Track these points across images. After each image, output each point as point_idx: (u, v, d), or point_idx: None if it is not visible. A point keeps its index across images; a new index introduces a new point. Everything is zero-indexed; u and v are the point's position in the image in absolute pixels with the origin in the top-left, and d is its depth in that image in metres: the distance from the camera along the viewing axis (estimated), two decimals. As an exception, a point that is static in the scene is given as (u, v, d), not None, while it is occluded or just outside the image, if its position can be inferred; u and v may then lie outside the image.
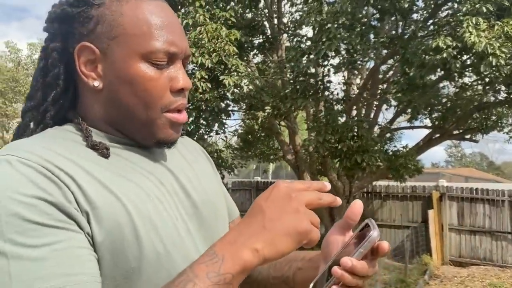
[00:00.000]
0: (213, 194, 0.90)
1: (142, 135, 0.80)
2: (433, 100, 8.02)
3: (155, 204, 0.75)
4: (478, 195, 10.24)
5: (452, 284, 8.64)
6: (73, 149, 0.74)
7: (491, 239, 10.03)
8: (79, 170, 0.70)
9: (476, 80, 7.81)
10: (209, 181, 0.92)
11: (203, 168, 0.95)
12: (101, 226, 0.68)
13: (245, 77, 5.73)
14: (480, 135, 8.84)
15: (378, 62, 6.94)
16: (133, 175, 0.76)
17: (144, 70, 0.75)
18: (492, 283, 8.49)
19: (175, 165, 0.86)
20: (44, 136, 0.77)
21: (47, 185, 0.65)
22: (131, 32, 0.75)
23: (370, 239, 0.70)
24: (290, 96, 6.10)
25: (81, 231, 0.66)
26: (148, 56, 0.75)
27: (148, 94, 0.76)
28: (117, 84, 0.76)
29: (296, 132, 8.05)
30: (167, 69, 0.78)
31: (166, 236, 0.74)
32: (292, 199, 0.66)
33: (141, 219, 0.71)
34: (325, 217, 7.99)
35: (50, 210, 0.64)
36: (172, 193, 0.80)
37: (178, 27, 0.80)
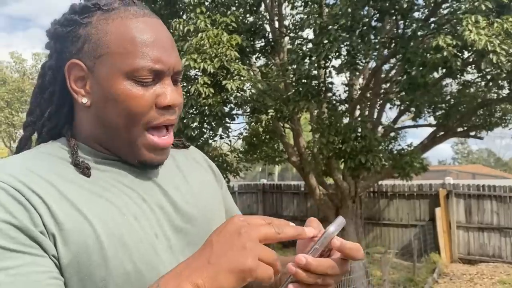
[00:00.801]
0: (209, 209, 0.89)
1: (126, 154, 0.81)
2: (436, 98, 8.02)
3: (129, 223, 0.75)
4: (485, 192, 10.21)
5: (461, 281, 8.61)
6: (55, 167, 0.76)
7: (499, 236, 9.99)
8: (53, 191, 0.72)
9: (478, 77, 7.80)
10: (206, 195, 0.91)
11: (201, 181, 0.94)
12: (67, 248, 0.69)
13: (247, 81, 5.77)
14: (484, 132, 8.81)
15: (379, 62, 6.96)
16: (111, 193, 0.77)
17: (127, 88, 0.76)
18: (501, 280, 8.45)
19: (166, 180, 0.86)
20: (33, 153, 0.80)
21: (15, 208, 0.67)
22: (115, 50, 0.77)
23: (326, 235, 0.68)
24: (293, 99, 6.14)
25: (46, 255, 0.67)
26: (132, 74, 0.76)
27: (131, 111, 0.77)
28: (102, 101, 0.78)
29: (300, 134, 8.07)
30: (153, 87, 0.78)
31: (138, 255, 0.73)
32: (241, 234, 0.64)
33: (110, 239, 0.71)
34: (331, 217, 8.00)
35: (14, 233, 0.65)
36: (155, 209, 0.80)
37: (166, 43, 0.80)
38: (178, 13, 7.11)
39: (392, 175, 7.63)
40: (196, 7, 6.09)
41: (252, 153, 9.15)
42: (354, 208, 7.72)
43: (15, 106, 21.08)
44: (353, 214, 7.69)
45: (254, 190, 12.95)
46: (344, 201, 7.66)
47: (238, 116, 8.22)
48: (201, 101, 5.71)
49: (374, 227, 11.24)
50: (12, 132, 22.50)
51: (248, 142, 9.22)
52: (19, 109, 21.40)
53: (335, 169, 7.58)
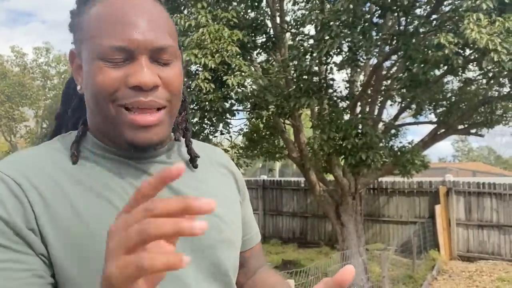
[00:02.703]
0: (223, 217, 0.85)
1: (115, 137, 0.78)
2: (437, 95, 8.01)
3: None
4: (485, 189, 10.23)
5: (460, 279, 8.63)
6: (60, 160, 0.77)
7: (499, 233, 10.01)
8: (56, 189, 0.71)
9: (479, 74, 7.79)
10: (222, 202, 0.86)
11: (220, 187, 0.91)
12: (63, 250, 0.68)
13: (248, 76, 5.76)
14: (485, 129, 8.81)
15: (380, 59, 6.95)
16: (111, 191, 0.75)
17: (97, 68, 0.74)
18: (500, 278, 8.47)
19: (179, 181, 0.78)
20: (44, 145, 0.81)
21: (11, 203, 0.67)
22: (91, 34, 0.76)
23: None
24: (294, 95, 6.13)
25: (33, 253, 0.67)
26: (102, 55, 0.73)
27: (97, 89, 0.74)
28: (85, 86, 0.79)
29: (300, 130, 8.07)
30: (126, 66, 0.74)
31: None
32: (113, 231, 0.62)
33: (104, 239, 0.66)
34: (331, 214, 8.01)
35: (3, 228, 0.66)
36: None
37: (141, 20, 0.75)
38: (179, 8, 7.08)
39: (392, 172, 7.64)
40: (197, 2, 6.07)
41: (252, 149, 9.14)
42: (354, 204, 7.72)
43: (15, 100, 21.05)
44: (353, 211, 7.69)
45: (254, 186, 12.97)
46: (344, 198, 7.66)
47: (238, 112, 8.21)
48: (201, 96, 5.70)
49: (373, 223, 11.26)
50: (12, 126, 22.49)
51: (248, 138, 9.21)
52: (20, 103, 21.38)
53: (336, 166, 7.58)
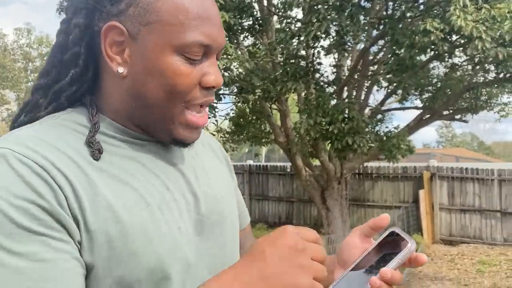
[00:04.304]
0: (225, 202, 0.83)
1: (159, 131, 0.74)
2: (423, 80, 8.04)
3: (154, 214, 0.68)
4: (468, 175, 10.37)
5: (442, 262, 8.80)
6: (75, 143, 0.69)
7: (480, 218, 10.20)
8: (78, 171, 0.65)
9: (465, 60, 7.83)
10: (221, 187, 0.85)
11: (217, 171, 0.88)
12: (89, 237, 0.63)
13: (234, 60, 5.68)
14: (470, 115, 8.90)
15: (368, 43, 6.92)
16: (135, 179, 0.70)
17: (176, 64, 0.69)
18: (481, 261, 8.66)
19: (188, 166, 0.80)
20: (50, 124, 0.71)
21: (41, 187, 0.61)
22: (166, 20, 0.68)
23: (409, 251, 0.69)
24: (281, 79, 6.08)
25: (71, 240, 0.62)
26: (182, 49, 0.69)
27: (176, 89, 0.70)
28: (143, 74, 0.70)
29: (287, 115, 8.04)
30: (200, 64, 0.71)
31: (163, 250, 0.68)
32: (298, 251, 0.61)
33: (135, 231, 0.65)
34: (317, 198, 8.05)
35: (41, 215, 0.59)
36: (178, 199, 0.74)
37: (217, 18, 0.73)
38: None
39: (377, 157, 7.68)
40: (182, -17, 5.93)
41: (239, 134, 9.10)
42: (339, 189, 7.77)
43: (-4, 82, 20.61)
44: (338, 195, 7.74)
45: (240, 171, 12.96)
46: (329, 182, 7.69)
47: (225, 96, 8.14)
48: (187, 79, 5.60)
49: (358, 208, 11.37)
50: (-7, 109, 22.04)
51: (235, 122, 9.16)
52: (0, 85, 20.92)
53: (322, 150, 7.59)
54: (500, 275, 7.71)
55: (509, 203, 9.90)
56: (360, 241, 0.76)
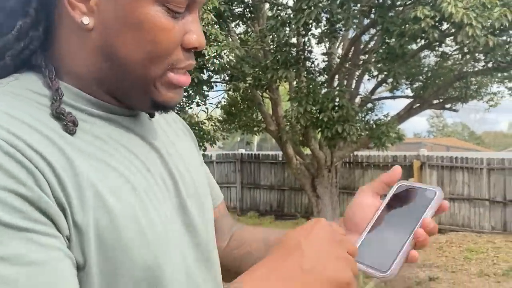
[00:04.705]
0: (200, 183, 0.74)
1: (137, 96, 0.62)
2: (414, 69, 8.06)
3: (142, 201, 0.58)
4: (458, 164, 10.46)
5: (431, 249, 8.90)
6: (41, 117, 0.55)
7: (469, 206, 10.31)
8: (54, 150, 0.52)
9: (456, 50, 7.85)
10: (194, 167, 0.74)
11: (187, 150, 0.77)
12: (79, 230, 0.52)
13: (225, 46, 5.65)
14: (460, 104, 8.95)
15: (358, 31, 6.91)
16: (116, 161, 0.58)
17: (157, 16, 0.57)
18: (469, 248, 8.77)
19: (162, 145, 0.68)
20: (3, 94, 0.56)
21: (19, 172, 0.48)
22: None
23: (439, 198, 0.68)
24: (271, 67, 6.07)
25: (60, 235, 0.50)
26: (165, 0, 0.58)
27: (157, 47, 0.58)
28: (116, 26, 0.57)
29: (278, 103, 8.04)
30: (182, 19, 0.60)
31: (156, 244, 0.57)
32: (336, 242, 0.58)
33: (127, 223, 0.55)
34: (308, 186, 8.08)
35: (23, 206, 0.47)
36: (159, 183, 0.63)
37: None
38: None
39: (367, 145, 7.72)
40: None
41: (230, 123, 9.09)
42: (330, 177, 7.80)
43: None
44: (328, 183, 7.78)
45: (232, 159, 12.97)
46: (320, 171, 7.73)
47: (216, 84, 8.11)
48: (176, 66, 5.56)
49: (348, 196, 11.44)
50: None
51: (226, 111, 9.14)
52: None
53: (312, 139, 7.61)
54: (487, 262, 7.83)
55: (497, 191, 10.02)
56: (372, 200, 0.72)
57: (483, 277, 6.97)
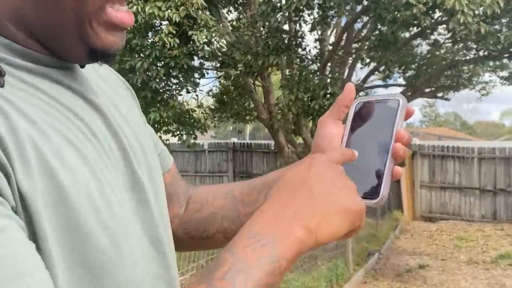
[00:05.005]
0: (148, 150, 0.64)
1: (69, 41, 0.51)
2: (406, 58, 8.03)
3: (93, 172, 0.49)
4: (449, 153, 10.50)
5: (421, 238, 8.96)
6: None
7: (460, 195, 10.38)
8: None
9: (448, 38, 7.82)
10: (139, 129, 0.64)
11: (130, 110, 0.66)
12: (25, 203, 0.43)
13: (215, 32, 5.56)
14: (452, 93, 8.95)
15: (351, 18, 6.85)
16: (59, 122, 0.49)
17: None
18: (459, 237, 8.84)
19: (103, 105, 0.57)
20: None
21: None
22: None
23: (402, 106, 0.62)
24: (262, 53, 5.99)
25: (7, 202, 0.41)
26: None
27: None
28: None
29: (270, 92, 7.98)
30: None
31: (112, 221, 0.49)
32: (338, 173, 0.55)
33: (80, 198, 0.46)
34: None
35: None
36: (108, 152, 0.54)
37: None
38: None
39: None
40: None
41: (222, 111, 9.03)
42: (321, 166, 7.77)
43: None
44: (320, 172, 7.75)
45: (224, 148, 12.91)
46: (311, 159, 7.69)
47: (208, 72, 8.02)
48: (165, 52, 5.48)
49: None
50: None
51: (218, 99, 9.06)
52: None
53: (304, 127, 7.57)
54: (477, 250, 7.89)
55: (487, 180, 10.08)
56: (336, 128, 0.65)
57: (472, 264, 7.02)
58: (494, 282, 6.15)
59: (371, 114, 0.64)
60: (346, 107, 0.64)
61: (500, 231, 9.34)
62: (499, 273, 6.60)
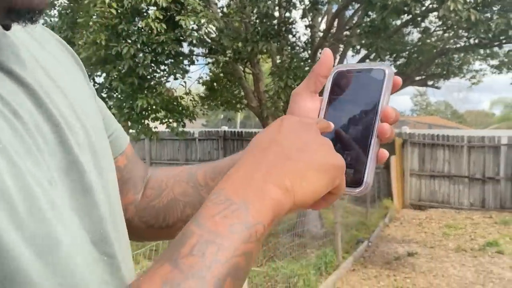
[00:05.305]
0: (95, 128, 0.53)
1: None
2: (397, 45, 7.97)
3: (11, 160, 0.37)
4: (439, 141, 10.53)
5: (410, 226, 9.00)
6: None
7: (449, 183, 10.44)
8: None
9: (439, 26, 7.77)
10: (84, 104, 0.53)
11: (70, 79, 0.55)
12: None
13: (203, 17, 5.45)
14: (442, 81, 8.93)
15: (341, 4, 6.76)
16: None
17: None
18: (447, 224, 8.90)
19: (31, 76, 0.46)
20: None
21: None
22: None
23: (389, 77, 0.53)
24: (251, 39, 5.90)
25: None
26: None
27: None
28: None
29: (260, 79, 7.89)
30: None
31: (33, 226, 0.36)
32: (313, 131, 0.49)
33: None
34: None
35: None
36: (34, 133, 0.42)
37: None
38: None
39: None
40: None
41: (212, 99, 8.93)
42: (311, 154, 7.73)
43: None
44: (309, 160, 7.72)
45: (215, 137, 12.84)
46: (301, 147, 7.65)
47: (198, 59, 7.91)
48: (153, 38, 5.37)
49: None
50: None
51: (208, 87, 8.96)
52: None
53: (294, 115, 7.50)
54: (465, 238, 7.94)
55: (476, 169, 10.13)
56: (312, 102, 0.57)
57: (460, 252, 7.07)
58: (482, 269, 6.20)
59: (352, 85, 0.55)
60: (323, 77, 0.57)
61: (488, 219, 9.41)
62: (487, 260, 6.66)
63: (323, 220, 7.79)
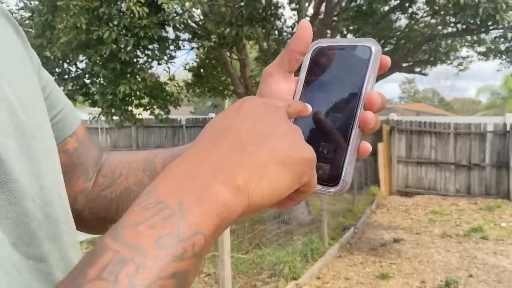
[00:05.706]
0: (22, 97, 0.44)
1: None
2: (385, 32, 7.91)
3: None
4: (426, 128, 10.56)
5: (397, 212, 9.05)
6: None
7: (435, 170, 10.50)
8: None
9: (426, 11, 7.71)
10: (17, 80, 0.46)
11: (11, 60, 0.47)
12: None
13: (187, 1, 5.31)
14: (429, 68, 8.90)
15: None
16: None
17: None
18: (433, 211, 8.96)
19: None
20: None
21: None
22: None
23: (375, 56, 0.45)
24: (235, 23, 5.77)
25: None
26: None
27: None
28: None
29: (246, 65, 7.77)
30: None
31: None
32: (283, 115, 0.41)
33: None
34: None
35: None
36: None
37: None
38: None
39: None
40: None
41: (199, 85, 8.80)
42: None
43: None
44: (296, 147, 7.67)
45: (202, 124, 12.74)
46: (288, 134, 7.59)
47: (184, 45, 7.76)
48: (135, 22, 5.22)
49: (318, 161, 11.47)
50: None
51: (195, 73, 8.82)
52: None
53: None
54: (450, 224, 8.00)
55: (463, 156, 10.20)
56: (286, 83, 0.48)
57: (446, 238, 7.12)
58: (466, 255, 6.24)
59: (334, 65, 0.47)
60: (299, 54, 0.47)
61: (473, 205, 9.50)
62: (471, 246, 6.71)
63: (310, 207, 7.77)
